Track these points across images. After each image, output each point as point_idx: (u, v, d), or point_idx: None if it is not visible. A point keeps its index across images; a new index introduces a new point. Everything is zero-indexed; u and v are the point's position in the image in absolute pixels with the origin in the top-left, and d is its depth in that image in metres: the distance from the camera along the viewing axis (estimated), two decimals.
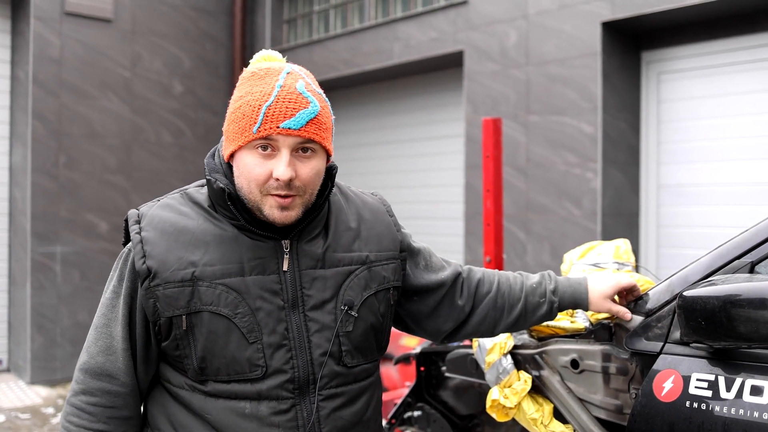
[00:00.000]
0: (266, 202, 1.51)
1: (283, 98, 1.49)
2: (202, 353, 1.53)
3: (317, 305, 1.58)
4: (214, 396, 1.55)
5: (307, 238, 1.61)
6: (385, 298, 1.70)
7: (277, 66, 1.56)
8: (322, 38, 7.71)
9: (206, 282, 1.52)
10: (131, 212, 1.61)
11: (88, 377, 1.58)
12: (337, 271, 1.62)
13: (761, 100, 4.89)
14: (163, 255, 1.53)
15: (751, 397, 1.72)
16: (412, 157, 7.31)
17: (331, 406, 1.59)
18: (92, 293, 7.36)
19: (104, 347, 1.58)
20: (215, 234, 1.56)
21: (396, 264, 1.74)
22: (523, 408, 2.27)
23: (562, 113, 5.49)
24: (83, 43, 7.35)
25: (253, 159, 1.51)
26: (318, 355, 1.57)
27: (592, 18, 5.29)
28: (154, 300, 1.53)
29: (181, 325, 1.52)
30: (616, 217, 5.36)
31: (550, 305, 1.94)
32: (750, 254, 1.87)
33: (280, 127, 1.47)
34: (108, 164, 7.51)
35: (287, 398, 1.55)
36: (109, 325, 1.58)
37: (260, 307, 1.54)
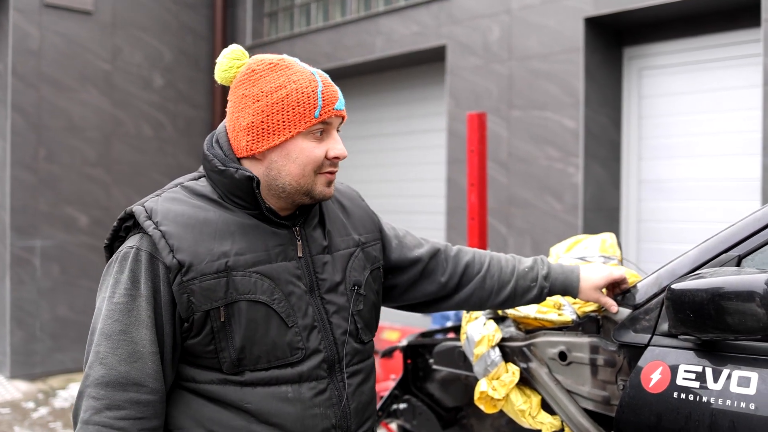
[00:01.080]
0: (318, 181, 1.59)
1: (326, 83, 1.59)
2: (242, 343, 1.52)
3: (332, 288, 1.64)
4: (252, 385, 1.54)
5: (310, 226, 1.67)
6: (377, 276, 1.79)
7: (285, 56, 1.63)
8: (303, 32, 7.68)
9: (240, 271, 1.52)
10: (137, 209, 1.55)
11: (111, 391, 1.46)
12: (341, 255, 1.69)
13: (741, 97, 4.95)
14: (193, 247, 1.50)
15: (738, 388, 1.75)
16: (394, 151, 7.31)
17: (355, 382, 1.66)
18: (72, 287, 7.31)
19: (127, 355, 1.47)
20: (238, 223, 1.56)
21: (380, 245, 1.84)
22: (511, 400, 2.29)
23: (544, 108, 5.52)
24: (63, 35, 7.27)
25: (310, 143, 1.57)
26: (339, 334, 1.64)
27: (574, 13, 5.32)
28: (188, 295, 1.49)
29: (219, 317, 1.50)
30: (598, 211, 5.40)
31: (541, 290, 2.02)
32: (737, 248, 1.90)
33: (335, 109, 1.57)
34: (88, 157, 7.44)
35: (323, 378, 1.60)
36: (129, 331, 1.48)
37: (292, 292, 1.57)
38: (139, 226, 1.55)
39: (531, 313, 2.32)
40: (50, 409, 6.12)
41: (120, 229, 1.60)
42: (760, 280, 1.67)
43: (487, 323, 2.39)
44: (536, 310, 2.32)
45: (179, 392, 1.57)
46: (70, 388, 6.77)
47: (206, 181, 1.63)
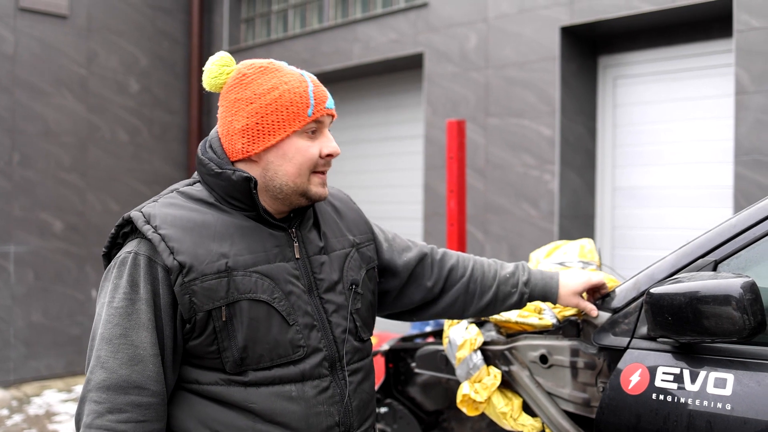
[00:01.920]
0: (312, 181, 1.63)
1: (315, 83, 1.64)
2: (244, 342, 1.53)
3: (330, 287, 1.67)
4: (256, 385, 1.55)
5: (306, 228, 1.71)
6: (372, 276, 1.82)
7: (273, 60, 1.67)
8: (280, 38, 7.70)
9: (240, 271, 1.54)
10: (135, 214, 1.56)
11: (112, 394, 1.47)
12: (337, 255, 1.73)
13: (713, 106, 5.06)
14: (192, 249, 1.52)
15: (714, 389, 1.80)
16: (371, 158, 7.35)
17: (356, 380, 1.69)
18: (47, 293, 7.23)
19: (128, 359, 1.48)
20: (236, 225, 1.59)
21: (372, 245, 1.87)
22: (493, 402, 2.33)
23: (521, 116, 5.59)
24: (38, 39, 7.21)
25: (305, 142, 1.61)
26: (339, 333, 1.66)
27: (551, 23, 5.40)
28: (190, 296, 1.51)
29: (220, 317, 1.52)
30: (573, 218, 5.48)
31: (521, 296, 2.06)
32: (713, 253, 1.95)
33: (326, 107, 1.62)
34: (63, 162, 7.38)
35: (326, 376, 1.62)
36: (128, 334, 1.49)
37: (291, 291, 1.60)
38: (137, 231, 1.56)
39: (512, 318, 2.36)
40: (24, 417, 6.05)
41: (118, 236, 1.61)
42: (735, 285, 1.73)
43: (469, 327, 2.43)
44: (517, 314, 2.36)
45: (183, 394, 1.58)
46: (45, 395, 6.70)
47: (201, 185, 1.65)
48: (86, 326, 7.48)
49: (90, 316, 7.49)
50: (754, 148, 4.44)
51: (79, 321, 7.46)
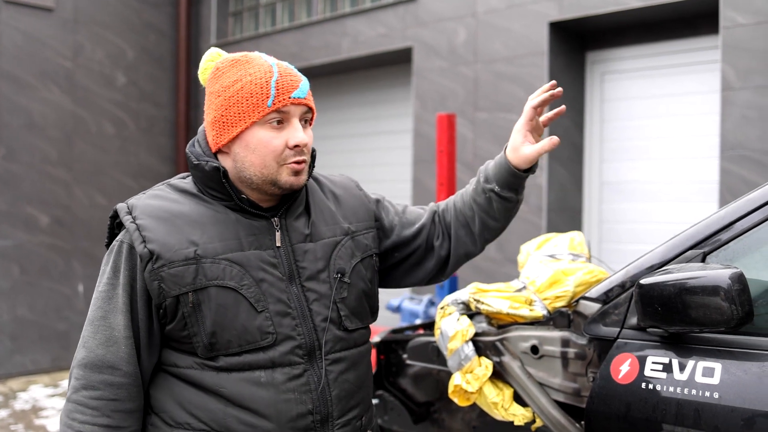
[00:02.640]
0: (282, 171, 1.61)
1: (284, 73, 1.62)
2: (212, 328, 1.57)
3: (312, 276, 1.67)
4: (227, 370, 1.59)
5: (293, 216, 1.70)
6: (369, 264, 1.80)
7: (249, 53, 1.69)
8: (269, 32, 7.68)
9: (209, 258, 1.58)
10: (120, 206, 1.65)
11: (88, 372, 1.58)
12: (324, 243, 1.72)
13: (700, 101, 5.11)
14: (163, 238, 1.58)
15: (702, 378, 1.83)
16: (360, 152, 7.35)
17: (337, 369, 1.67)
18: (32, 288, 7.20)
19: (104, 339, 1.59)
20: (210, 215, 1.64)
21: (374, 233, 1.86)
22: (485, 393, 2.35)
23: (509, 110, 5.61)
24: (23, 31, 7.16)
25: (268, 133, 1.60)
26: (319, 321, 1.66)
27: (539, 18, 5.43)
28: (158, 281, 1.57)
29: (188, 302, 1.57)
30: (561, 212, 5.51)
31: (491, 192, 1.87)
32: (702, 245, 1.98)
33: (291, 97, 1.60)
34: (48, 156, 7.34)
35: (299, 364, 1.62)
36: (107, 317, 1.59)
37: (263, 279, 1.61)
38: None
39: (503, 309, 2.39)
40: (11, 411, 6.02)
41: (114, 227, 1.68)
42: (724, 276, 1.76)
43: (461, 319, 2.45)
44: (508, 306, 2.38)
45: (163, 376, 1.65)
46: (31, 390, 6.67)
47: (191, 178, 1.72)
48: (73, 321, 7.45)
49: (76, 310, 7.47)
50: (739, 143, 4.49)
51: (66, 316, 7.43)
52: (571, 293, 2.35)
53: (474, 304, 2.46)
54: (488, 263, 5.70)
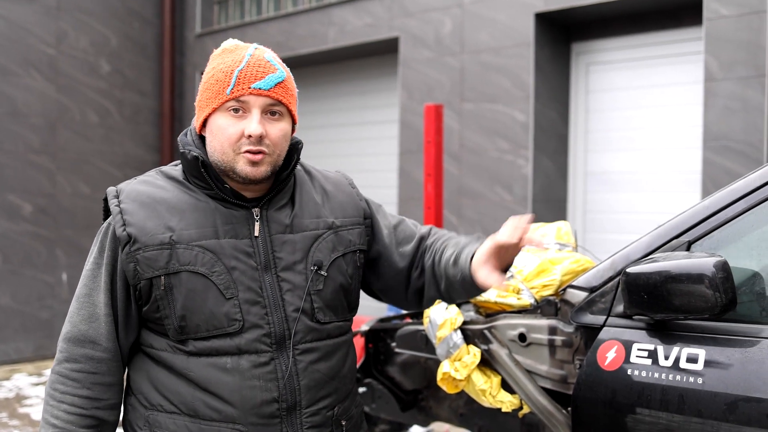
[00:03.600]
0: (238, 160, 1.63)
1: (253, 64, 1.65)
2: (182, 311, 1.63)
3: (288, 266, 1.69)
4: (196, 355, 1.64)
5: (275, 207, 1.73)
6: (352, 260, 1.81)
7: (246, 44, 1.73)
8: (254, 20, 7.66)
9: (183, 244, 1.63)
10: (109, 189, 1.72)
11: (71, 345, 1.67)
12: (304, 236, 1.73)
13: (683, 92, 5.16)
14: (142, 222, 1.64)
15: (687, 364, 1.87)
16: (346, 142, 7.36)
17: (307, 359, 1.68)
18: (16, 276, 7.15)
19: (87, 315, 1.67)
20: (190, 203, 1.68)
21: (361, 229, 1.85)
22: (473, 380, 2.39)
23: (495, 101, 5.64)
24: (5, 18, 7.09)
25: (226, 120, 1.64)
26: (291, 311, 1.67)
27: (525, 9, 5.45)
28: (134, 264, 1.63)
29: (160, 285, 1.63)
30: (546, 202, 5.56)
31: (461, 279, 1.75)
32: (687, 234, 2.02)
33: (252, 87, 1.63)
34: (32, 144, 7.28)
35: (265, 351, 1.64)
36: (91, 294, 1.68)
37: (235, 267, 1.65)
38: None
39: (491, 298, 2.42)
40: None
41: (109, 209, 1.72)
42: (708, 264, 1.79)
43: (449, 307, 2.48)
44: (496, 295, 2.41)
45: (141, 357, 1.73)
46: (14, 379, 6.65)
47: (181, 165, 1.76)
48: (56, 310, 7.41)
49: (60, 299, 7.44)
50: (722, 134, 4.55)
51: (49, 305, 7.40)
52: (558, 282, 2.38)
53: None
54: None
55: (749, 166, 4.39)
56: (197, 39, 8.22)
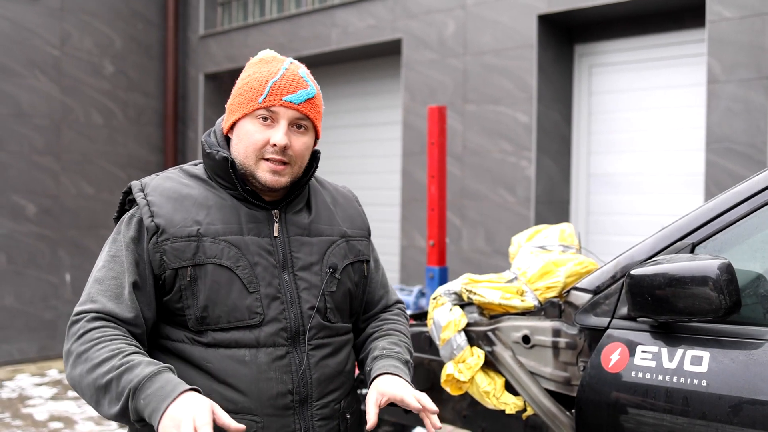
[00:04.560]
0: (260, 166, 1.72)
1: (287, 77, 1.74)
2: (205, 302, 1.67)
3: (305, 267, 1.77)
4: (215, 346, 1.68)
5: (293, 210, 1.81)
6: (359, 269, 1.90)
7: (282, 57, 1.81)
8: (257, 22, 7.67)
9: (210, 238, 1.69)
10: (134, 183, 1.76)
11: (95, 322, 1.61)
12: (321, 240, 1.82)
13: (686, 94, 5.16)
14: (170, 214, 1.70)
15: (691, 367, 1.88)
16: (349, 144, 7.37)
17: (319, 354, 1.76)
18: (19, 277, 7.17)
19: (114, 296, 1.65)
20: (215, 200, 1.75)
21: (367, 242, 1.96)
22: (477, 382, 2.39)
23: (498, 103, 5.65)
24: (10, 20, 7.11)
25: (254, 126, 1.72)
26: (306, 309, 1.75)
27: (528, 11, 5.46)
28: (161, 254, 1.68)
29: (186, 275, 1.67)
30: (549, 204, 5.56)
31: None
32: (691, 236, 2.03)
33: (283, 100, 1.71)
34: (36, 145, 7.30)
35: (282, 345, 1.71)
36: (119, 277, 1.67)
37: (258, 263, 1.71)
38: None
39: (495, 299, 2.42)
40: None
41: (125, 202, 1.79)
42: (713, 266, 1.80)
43: (453, 309, 2.48)
44: (500, 297, 2.42)
45: (157, 350, 1.75)
46: (18, 379, 6.66)
47: (202, 165, 1.84)
48: (60, 310, 7.43)
49: (63, 299, 7.45)
50: (725, 136, 4.55)
51: (53, 305, 7.41)
52: (562, 284, 2.39)
53: (466, 295, 2.50)
54: (477, 255, 5.75)
55: (752, 168, 4.39)
56: (201, 40, 8.23)
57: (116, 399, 1.50)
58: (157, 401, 1.46)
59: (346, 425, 1.82)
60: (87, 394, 1.56)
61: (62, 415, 5.67)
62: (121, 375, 1.50)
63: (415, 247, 6.18)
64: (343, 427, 1.81)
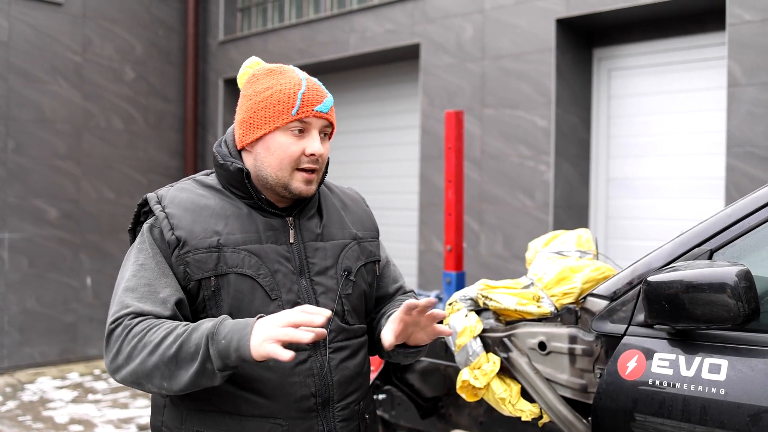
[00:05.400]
0: (295, 177, 1.75)
1: (312, 87, 1.77)
2: (229, 311, 1.70)
3: (321, 271, 1.81)
4: None
5: (306, 216, 1.84)
6: (371, 270, 1.94)
7: (285, 65, 1.83)
8: (276, 27, 7.70)
9: (230, 248, 1.72)
10: (150, 195, 1.78)
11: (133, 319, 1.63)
12: (334, 244, 1.86)
13: (706, 98, 5.11)
14: (189, 226, 1.72)
15: (709, 375, 1.86)
16: (367, 148, 7.37)
17: (339, 357, 1.79)
18: (41, 280, 7.24)
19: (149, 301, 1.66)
20: (232, 209, 1.78)
21: (377, 242, 2.00)
22: (492, 388, 2.38)
23: (516, 107, 5.63)
24: (32, 26, 7.19)
25: (288, 139, 1.74)
26: None
27: (546, 14, 5.44)
28: (184, 266, 1.70)
29: (209, 286, 1.70)
30: (567, 208, 5.53)
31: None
32: (709, 242, 2.00)
33: (315, 110, 1.74)
34: (57, 150, 7.38)
35: (304, 350, 1.74)
36: (152, 284, 1.68)
37: (278, 270, 1.75)
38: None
39: (511, 305, 2.41)
40: (19, 403, 6.08)
41: (140, 214, 1.82)
42: (731, 273, 1.78)
43: (469, 315, 2.47)
44: (516, 302, 2.41)
45: None
46: (39, 382, 6.72)
47: (215, 175, 1.86)
48: (81, 314, 7.50)
49: (84, 303, 7.52)
50: (745, 140, 4.50)
51: (74, 308, 7.48)
52: (579, 290, 2.37)
53: (482, 301, 2.49)
54: (496, 260, 5.73)
55: None
56: (220, 46, 8.28)
57: (191, 358, 1.54)
58: (239, 331, 1.52)
59: (366, 425, 1.87)
60: (156, 375, 1.57)
61: (82, 418, 5.71)
62: (189, 336, 1.55)
63: (433, 252, 6.16)
64: (362, 428, 1.86)
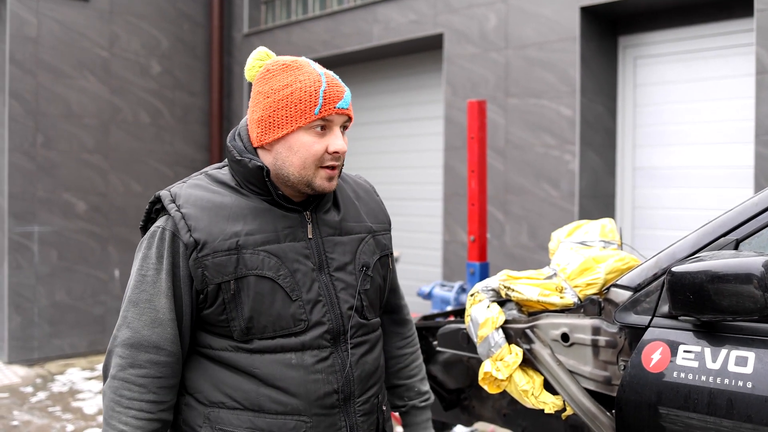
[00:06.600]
0: (318, 174, 1.72)
1: (332, 83, 1.72)
2: (250, 314, 1.68)
3: (340, 267, 1.79)
4: (260, 352, 1.70)
5: (323, 210, 1.82)
6: (385, 263, 1.93)
7: (299, 58, 1.78)
8: (300, 19, 7.70)
9: (249, 249, 1.68)
10: (163, 193, 1.74)
11: (134, 351, 1.67)
12: (351, 238, 1.84)
13: (734, 85, 5.02)
14: (207, 228, 1.68)
15: (735, 368, 1.83)
16: (391, 139, 7.36)
17: (359, 352, 1.80)
18: (70, 273, 7.34)
19: (149, 321, 1.68)
20: (250, 207, 1.74)
21: (389, 234, 1.99)
22: (515, 380, 2.36)
23: (540, 96, 5.58)
24: (60, 22, 7.27)
25: (311, 138, 1.70)
26: (346, 309, 1.78)
27: (571, 3, 5.37)
28: (202, 269, 1.67)
29: (229, 289, 1.67)
30: (593, 198, 5.47)
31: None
32: (735, 232, 1.97)
33: (336, 107, 1.70)
34: (85, 144, 7.46)
35: (326, 347, 1.74)
36: (153, 300, 1.68)
37: (297, 269, 1.72)
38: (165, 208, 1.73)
39: (534, 296, 2.39)
40: (48, 394, 6.18)
41: (152, 212, 1.79)
42: (757, 263, 1.75)
43: (491, 306, 2.46)
44: (539, 293, 2.39)
45: (198, 358, 1.76)
46: (68, 373, 6.82)
47: (228, 169, 1.82)
48: (109, 306, 7.60)
49: (112, 295, 7.62)
50: None
51: (102, 300, 7.58)
52: (602, 280, 2.34)
53: (504, 291, 2.47)
54: (521, 250, 5.70)
55: None
56: (245, 39, 8.31)
57: None
58: None
59: (383, 417, 1.89)
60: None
61: None
62: None
63: (458, 242, 6.14)
64: (381, 420, 1.88)
